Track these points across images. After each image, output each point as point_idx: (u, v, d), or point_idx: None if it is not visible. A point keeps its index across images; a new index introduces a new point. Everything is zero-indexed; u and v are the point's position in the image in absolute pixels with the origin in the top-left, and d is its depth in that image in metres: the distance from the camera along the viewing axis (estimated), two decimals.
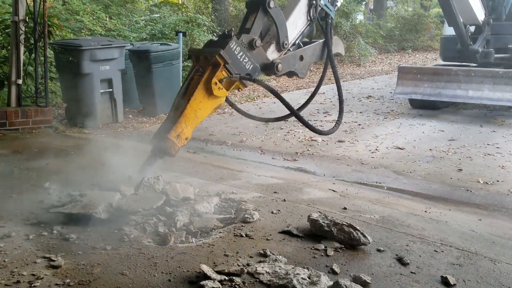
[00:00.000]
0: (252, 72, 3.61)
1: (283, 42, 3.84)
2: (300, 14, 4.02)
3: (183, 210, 3.28)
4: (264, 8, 3.70)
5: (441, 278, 2.54)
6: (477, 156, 5.68)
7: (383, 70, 15.58)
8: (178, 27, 11.09)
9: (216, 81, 3.43)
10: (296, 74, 4.02)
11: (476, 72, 7.74)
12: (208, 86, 3.42)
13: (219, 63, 3.42)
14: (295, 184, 4.25)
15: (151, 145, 3.57)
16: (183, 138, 3.45)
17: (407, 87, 8.27)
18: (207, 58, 3.47)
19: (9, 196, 3.63)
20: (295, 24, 3.99)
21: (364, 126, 7.35)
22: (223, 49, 3.41)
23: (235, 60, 3.49)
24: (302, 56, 4.00)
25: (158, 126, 7.52)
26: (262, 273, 2.46)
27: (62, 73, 7.21)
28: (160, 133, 3.50)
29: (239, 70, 3.52)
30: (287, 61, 3.89)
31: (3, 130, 5.97)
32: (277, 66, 3.75)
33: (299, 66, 4.00)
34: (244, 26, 3.78)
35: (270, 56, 3.80)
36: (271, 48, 3.84)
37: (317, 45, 4.14)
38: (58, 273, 2.47)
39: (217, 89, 3.44)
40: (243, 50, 3.54)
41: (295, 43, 4.03)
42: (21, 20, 6.23)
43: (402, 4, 27.81)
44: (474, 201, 4.27)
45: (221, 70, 3.43)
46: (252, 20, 3.74)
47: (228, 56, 3.42)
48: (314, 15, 4.07)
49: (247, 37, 3.61)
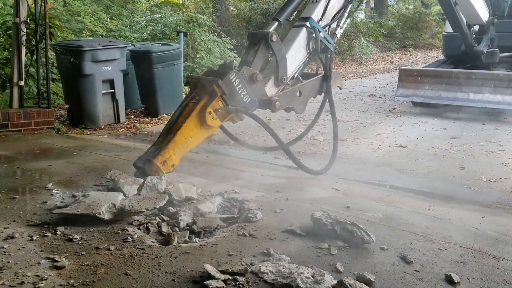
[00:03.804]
0: (249, 105, 3.58)
1: (281, 77, 3.81)
2: (299, 47, 4.01)
3: (186, 210, 3.28)
4: (267, 42, 3.68)
5: (445, 276, 2.54)
6: (479, 154, 5.67)
7: (385, 69, 15.56)
8: (179, 27, 11.10)
9: (211, 110, 3.40)
10: (294, 109, 4.01)
11: (477, 74, 7.72)
12: (202, 115, 3.39)
13: (216, 92, 3.38)
14: (298, 183, 4.24)
15: (134, 167, 3.55)
16: (170, 165, 3.42)
17: (408, 90, 8.27)
18: (204, 86, 3.43)
19: (12, 197, 3.63)
20: (294, 58, 3.97)
21: (366, 124, 7.34)
22: (222, 79, 3.39)
23: (233, 92, 3.46)
24: (301, 92, 3.98)
25: (160, 126, 7.57)
26: (266, 272, 2.46)
27: (63, 74, 7.23)
28: (146, 156, 3.45)
29: (236, 102, 3.49)
30: (285, 98, 3.87)
31: (6, 132, 5.98)
32: (275, 103, 3.73)
33: (297, 102, 3.99)
34: (246, 58, 3.76)
35: (268, 92, 3.78)
36: (269, 84, 3.82)
37: (316, 80, 4.11)
38: (62, 273, 2.47)
39: (211, 119, 3.41)
40: (243, 83, 3.51)
41: (293, 76, 4.01)
42: (22, 21, 6.24)
43: (403, 2, 27.76)
44: (477, 198, 4.26)
45: (217, 100, 3.40)
46: (254, 53, 3.72)
47: (226, 87, 3.39)
48: (314, 47, 4.05)
49: (249, 70, 3.58)
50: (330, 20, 4.24)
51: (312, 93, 4.12)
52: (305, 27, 4.05)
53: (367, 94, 10.29)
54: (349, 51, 16.68)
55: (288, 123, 7.34)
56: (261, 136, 6.59)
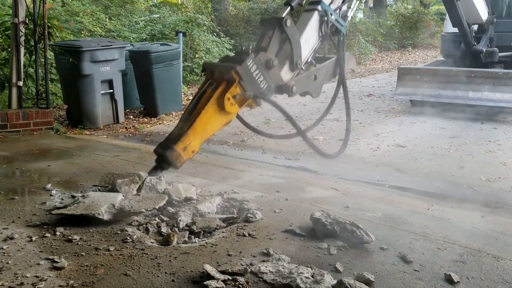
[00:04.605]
0: (266, 91, 3.54)
1: (296, 62, 3.78)
2: (312, 31, 3.98)
3: (185, 210, 3.28)
4: (281, 27, 3.65)
5: (444, 275, 2.54)
6: (478, 153, 5.68)
7: (384, 68, 15.57)
8: (178, 27, 11.09)
9: (229, 97, 3.37)
10: (310, 94, 3.97)
11: (476, 73, 7.72)
12: (220, 101, 3.36)
13: (234, 79, 3.35)
14: (297, 183, 4.24)
15: (155, 154, 3.50)
16: (190, 151, 3.38)
17: (407, 88, 8.27)
18: (222, 73, 3.40)
19: (11, 198, 3.63)
20: (308, 42, 3.93)
21: (365, 124, 7.34)
22: (239, 65, 3.36)
23: (251, 78, 3.43)
24: (316, 76, 3.95)
25: (159, 127, 7.54)
26: (266, 273, 2.46)
27: (62, 75, 7.22)
28: (166, 143, 3.41)
29: (253, 88, 3.45)
30: (301, 82, 3.84)
31: (4, 132, 5.97)
32: (292, 88, 3.69)
33: (313, 86, 3.95)
34: (260, 44, 3.72)
35: (283, 77, 3.74)
36: (284, 68, 3.78)
37: (330, 64, 4.09)
38: (62, 274, 2.47)
39: (230, 105, 3.38)
40: (260, 69, 3.48)
41: (307, 61, 3.98)
42: (21, 22, 6.23)
43: (402, 2, 27.78)
44: (477, 198, 4.26)
45: (235, 86, 3.37)
46: (268, 38, 3.68)
47: (244, 73, 3.35)
48: (326, 31, 4.02)
49: (265, 56, 3.54)
50: (340, 2, 4.23)
51: (327, 76, 4.11)
52: (316, 11, 4.02)
53: (366, 94, 10.29)
54: (348, 51, 16.66)
55: (287, 123, 7.33)
56: (260, 136, 6.59)
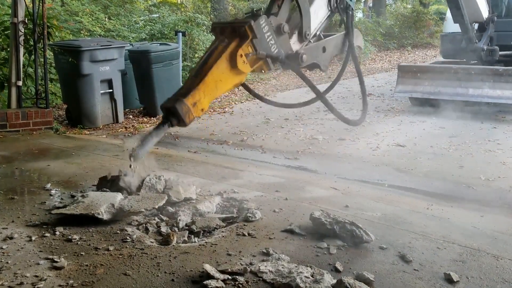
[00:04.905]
0: (277, 55, 3.41)
1: (305, 33, 3.68)
2: (321, 4, 3.89)
3: (185, 210, 3.28)
4: None
5: (444, 275, 2.54)
6: (478, 153, 5.68)
7: (383, 68, 15.57)
8: (177, 27, 11.08)
9: (242, 54, 3.23)
10: (319, 66, 3.86)
11: (476, 70, 7.72)
12: (233, 57, 3.21)
13: (247, 35, 3.22)
14: (297, 183, 4.25)
15: (162, 110, 3.27)
16: (199, 108, 3.17)
17: (407, 86, 8.26)
18: (234, 29, 3.27)
19: (11, 197, 3.63)
20: (316, 14, 3.84)
21: (365, 124, 7.29)
22: (254, 21, 3.22)
23: (263, 38, 3.30)
24: (325, 48, 3.87)
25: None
26: (265, 272, 2.46)
27: (62, 74, 7.22)
28: (175, 97, 3.20)
29: (264, 50, 3.32)
30: (311, 52, 3.72)
31: (4, 132, 5.97)
32: (302, 56, 3.56)
33: (322, 58, 3.85)
34: (270, 11, 3.60)
35: (292, 47, 3.67)
36: (293, 38, 3.66)
37: (339, 37, 4.03)
38: (61, 274, 2.47)
39: (242, 63, 3.23)
40: (271, 31, 3.35)
41: (315, 34, 3.92)
42: (20, 21, 6.22)
43: (401, 1, 27.78)
44: (476, 197, 4.26)
45: (247, 44, 3.23)
46: (278, 5, 3.57)
47: (257, 30, 3.22)
48: (335, 5, 3.97)
49: (276, 20, 3.43)
50: None
51: (336, 50, 4.03)
52: None
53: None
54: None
55: (287, 123, 7.35)
56: (260, 135, 6.59)
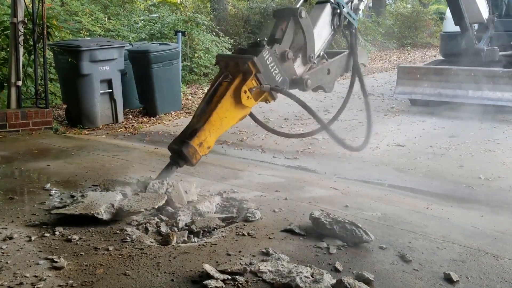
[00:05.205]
0: (281, 84, 3.45)
1: (309, 56, 3.69)
2: (324, 24, 3.91)
3: (185, 209, 3.28)
4: (296, 18, 3.57)
5: (444, 274, 2.54)
6: (478, 153, 5.68)
7: (383, 68, 15.56)
8: (177, 27, 11.07)
9: (246, 90, 3.28)
10: (323, 88, 3.90)
11: (476, 71, 7.72)
12: (237, 94, 3.27)
13: (251, 71, 3.27)
14: (297, 183, 4.24)
15: (170, 151, 3.38)
16: (206, 147, 3.26)
17: (407, 87, 8.26)
18: (238, 65, 3.31)
19: (11, 197, 3.63)
20: (320, 35, 3.86)
21: (365, 123, 7.33)
22: (256, 56, 3.27)
23: (266, 70, 3.35)
24: (330, 70, 3.88)
25: (158, 126, 7.51)
26: (265, 272, 2.46)
27: (61, 74, 7.21)
28: (181, 139, 3.30)
29: (268, 81, 3.36)
30: (316, 76, 3.74)
31: (3, 132, 5.97)
32: (307, 82, 3.60)
33: (327, 80, 3.87)
34: (274, 36, 3.63)
35: (297, 70, 3.68)
36: (297, 62, 3.70)
37: (343, 57, 4.03)
38: (61, 274, 2.47)
39: (246, 98, 3.29)
40: (275, 61, 3.39)
41: (319, 54, 3.93)
42: (20, 21, 6.22)
43: (401, 1, 27.78)
44: (476, 197, 4.26)
45: (251, 79, 3.28)
46: (282, 30, 3.59)
47: (260, 65, 3.27)
48: (338, 24, 3.98)
49: (280, 47, 3.47)
50: None
51: (340, 70, 4.04)
52: (329, 3, 3.99)
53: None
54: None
55: (286, 122, 7.34)
56: (259, 135, 6.59)
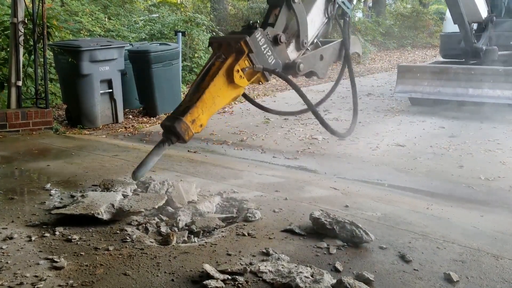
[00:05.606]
0: (273, 67, 3.45)
1: (302, 41, 3.72)
2: (318, 11, 3.93)
3: (185, 209, 3.28)
4: (289, 3, 3.57)
5: (444, 274, 2.54)
6: (478, 153, 5.68)
7: (383, 68, 15.57)
8: (177, 27, 11.09)
9: (238, 69, 3.28)
10: (316, 74, 3.90)
11: (476, 70, 7.72)
12: (229, 73, 3.27)
13: (243, 50, 3.26)
14: (297, 183, 4.25)
15: (162, 128, 3.32)
16: (198, 124, 3.23)
17: (407, 86, 8.26)
18: (230, 44, 3.32)
19: (11, 198, 3.63)
20: (313, 22, 3.87)
21: (365, 123, 7.34)
22: (249, 36, 3.27)
23: (259, 51, 3.35)
24: (322, 56, 3.89)
25: (158, 126, 7.51)
26: (265, 272, 2.46)
27: (61, 74, 7.21)
28: (174, 116, 3.27)
29: (261, 62, 3.36)
30: (308, 60, 3.76)
31: (4, 132, 5.97)
32: (299, 66, 3.62)
33: (319, 66, 3.88)
34: (267, 21, 3.63)
35: (290, 55, 3.71)
36: (290, 47, 3.70)
37: (336, 45, 4.05)
38: (61, 274, 2.47)
39: (239, 78, 3.29)
40: (268, 43, 3.40)
41: (312, 41, 3.95)
42: (20, 21, 6.22)
43: (401, 1, 27.80)
44: (476, 197, 4.27)
45: (244, 58, 3.28)
46: (275, 15, 3.60)
47: (253, 44, 3.27)
48: (332, 12, 3.99)
49: (272, 31, 3.47)
50: None
51: (333, 57, 4.06)
52: None
53: (365, 93, 10.29)
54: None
55: (286, 122, 7.34)
56: (259, 135, 6.60)
